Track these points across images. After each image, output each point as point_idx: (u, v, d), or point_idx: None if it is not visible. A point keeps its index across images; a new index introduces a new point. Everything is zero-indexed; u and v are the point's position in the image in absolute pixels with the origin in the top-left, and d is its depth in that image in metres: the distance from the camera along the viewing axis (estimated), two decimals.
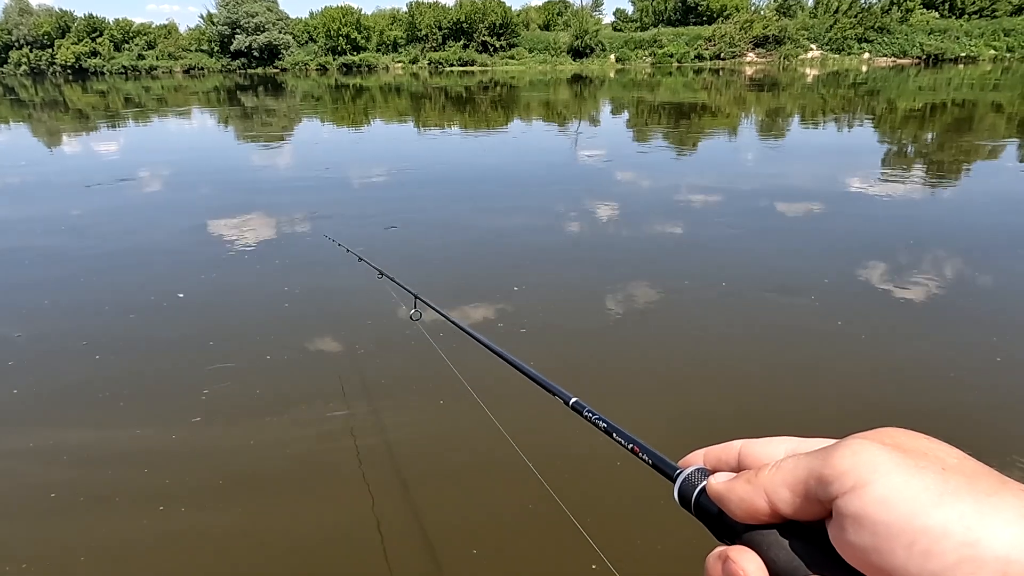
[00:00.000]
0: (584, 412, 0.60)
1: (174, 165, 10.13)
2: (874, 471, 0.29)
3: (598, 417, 0.57)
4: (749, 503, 0.35)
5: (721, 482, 0.37)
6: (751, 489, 0.35)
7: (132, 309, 4.21)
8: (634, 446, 0.49)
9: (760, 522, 0.35)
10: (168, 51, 59.01)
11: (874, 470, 0.29)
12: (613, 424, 0.55)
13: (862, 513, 0.29)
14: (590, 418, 0.59)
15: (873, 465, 0.30)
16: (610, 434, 0.54)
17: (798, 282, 4.41)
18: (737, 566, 0.34)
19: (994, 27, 41.26)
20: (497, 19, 51.57)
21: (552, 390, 0.68)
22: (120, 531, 2.28)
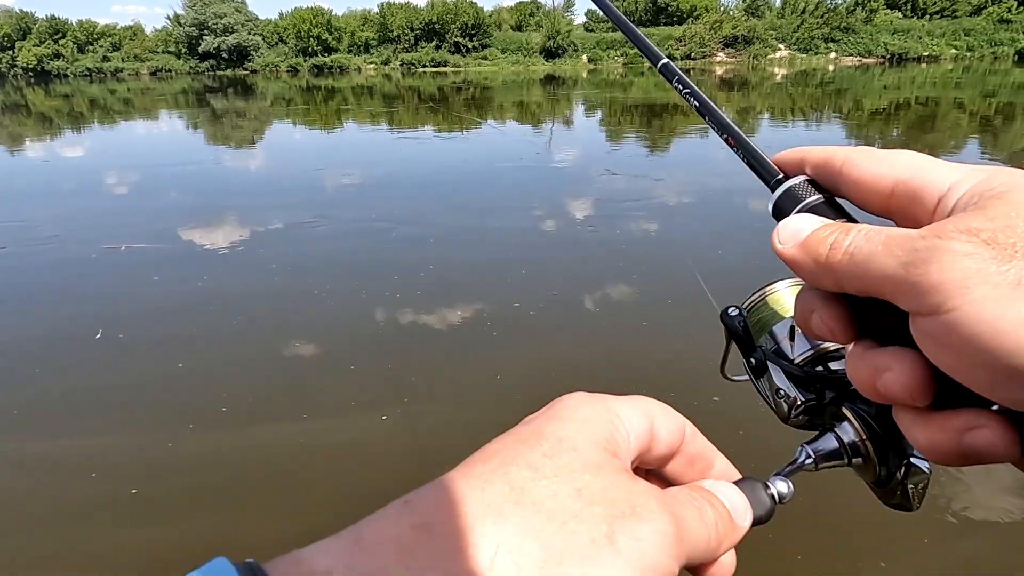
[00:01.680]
0: (674, 81, 0.48)
1: (141, 170, 9.94)
2: (964, 293, 0.25)
3: (689, 92, 0.45)
4: (819, 281, 0.32)
5: (788, 247, 0.33)
6: (819, 270, 0.31)
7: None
8: (728, 136, 0.41)
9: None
10: (134, 53, 57.89)
11: (964, 292, 0.25)
12: (708, 103, 0.43)
13: (942, 340, 0.26)
14: (680, 91, 0.47)
15: (964, 286, 0.25)
16: (703, 115, 0.43)
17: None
18: (822, 321, 0.33)
19: (955, 27, 42.37)
20: (469, 20, 51.52)
21: (646, 48, 0.52)
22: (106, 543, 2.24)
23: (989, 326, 0.24)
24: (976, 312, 0.25)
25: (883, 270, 0.28)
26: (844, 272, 0.30)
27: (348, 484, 2.46)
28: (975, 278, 0.25)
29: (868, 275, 0.29)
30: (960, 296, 0.25)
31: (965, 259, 0.25)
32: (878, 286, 0.29)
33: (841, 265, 0.30)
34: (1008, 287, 0.24)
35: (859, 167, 0.33)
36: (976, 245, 0.26)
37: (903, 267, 0.27)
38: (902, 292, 0.27)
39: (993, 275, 0.25)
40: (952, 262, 0.26)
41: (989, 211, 0.27)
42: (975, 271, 0.25)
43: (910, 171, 0.32)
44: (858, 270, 0.29)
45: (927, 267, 0.26)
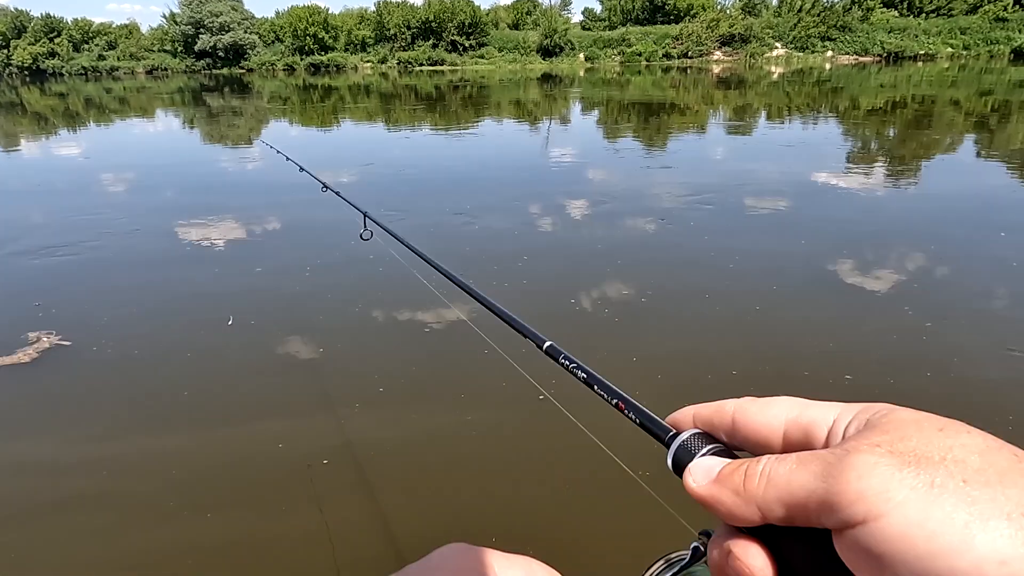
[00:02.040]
0: (560, 359, 0.52)
1: (137, 169, 9.91)
2: (887, 500, 0.26)
3: (576, 365, 0.49)
4: (739, 514, 0.32)
5: (703, 486, 0.34)
6: (740, 501, 0.32)
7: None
8: (619, 402, 0.43)
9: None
10: (130, 51, 57.73)
11: (887, 499, 0.26)
12: (594, 374, 0.47)
13: (878, 552, 0.26)
14: (567, 366, 0.50)
15: (885, 493, 0.26)
16: (591, 386, 0.46)
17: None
18: (743, 564, 0.31)
19: (951, 25, 42.44)
20: (466, 18, 51.47)
21: (523, 331, 0.58)
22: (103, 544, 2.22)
23: (919, 528, 0.25)
24: (902, 517, 0.25)
25: (804, 486, 0.29)
26: (764, 497, 0.30)
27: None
28: (894, 484, 0.26)
29: (790, 495, 0.29)
30: (885, 503, 0.26)
31: (878, 467, 0.27)
32: (801, 504, 0.29)
33: (760, 490, 0.31)
34: (925, 490, 0.26)
35: (751, 413, 0.35)
36: (882, 455, 0.27)
37: (822, 479, 0.28)
38: (825, 507, 0.28)
39: (908, 480, 0.26)
40: (868, 470, 0.27)
41: (880, 429, 0.29)
42: (892, 477, 0.26)
43: (796, 410, 0.34)
44: (778, 492, 0.30)
45: (845, 476, 0.27)
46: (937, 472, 0.26)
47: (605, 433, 0.95)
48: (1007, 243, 5.02)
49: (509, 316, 0.62)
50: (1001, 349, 3.31)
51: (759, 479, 0.31)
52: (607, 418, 0.51)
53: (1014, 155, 8.89)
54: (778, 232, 5.59)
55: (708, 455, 0.35)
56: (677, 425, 0.38)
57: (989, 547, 0.24)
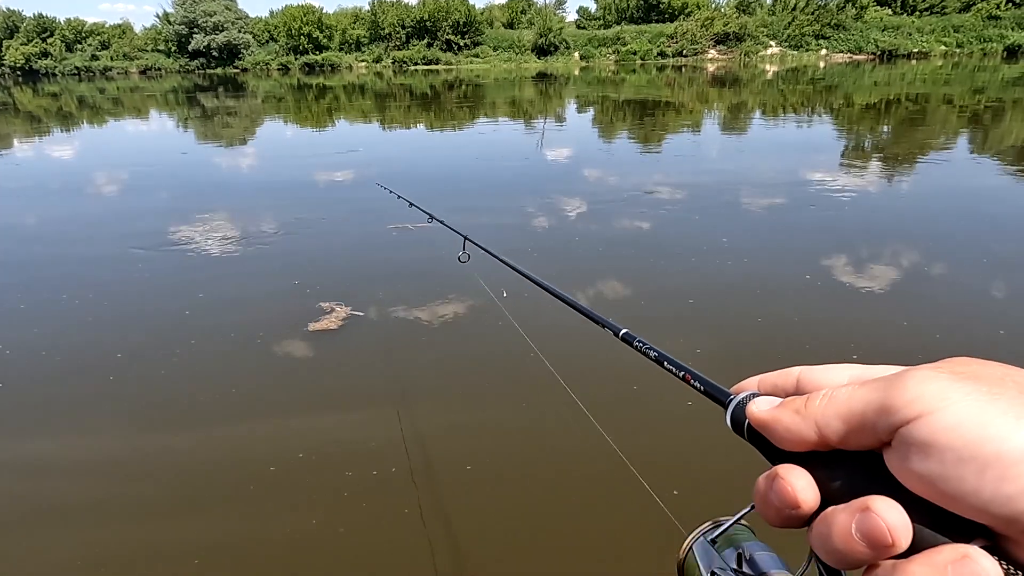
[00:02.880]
0: (635, 343, 0.59)
1: (131, 169, 9.88)
2: (943, 399, 0.28)
3: (648, 347, 0.56)
4: (796, 433, 0.33)
5: (764, 410, 0.35)
6: (799, 419, 0.33)
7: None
8: (686, 374, 0.48)
9: (806, 451, 0.34)
10: (123, 51, 57.48)
11: (943, 397, 0.28)
12: (663, 353, 0.53)
13: (930, 440, 0.27)
14: (640, 348, 0.58)
15: (942, 393, 0.28)
16: (661, 363, 0.53)
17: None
18: (786, 483, 0.33)
19: (944, 23, 42.59)
20: (461, 17, 51.39)
21: (602, 322, 0.68)
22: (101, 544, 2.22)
23: (973, 420, 0.26)
24: (959, 411, 0.27)
25: (863, 398, 0.31)
26: (824, 413, 0.32)
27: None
28: (952, 390, 0.28)
29: (849, 408, 0.31)
30: (942, 401, 0.28)
31: (937, 378, 0.29)
32: (859, 415, 0.30)
33: (821, 407, 0.32)
34: (981, 395, 0.27)
35: (815, 374, 0.37)
36: (942, 371, 0.29)
37: (881, 391, 0.30)
38: (883, 412, 0.29)
39: (966, 387, 0.28)
40: (926, 378, 0.29)
41: (942, 362, 0.30)
42: (950, 385, 0.28)
43: (859, 372, 0.35)
44: (838, 407, 0.32)
45: (904, 384, 0.29)
46: (995, 385, 0.28)
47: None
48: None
49: (593, 313, 0.72)
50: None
51: (821, 399, 0.33)
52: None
53: (1004, 153, 8.93)
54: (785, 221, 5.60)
55: (772, 397, 0.38)
56: (740, 391, 0.41)
57: None
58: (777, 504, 0.33)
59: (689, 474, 2.42)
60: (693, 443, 2.59)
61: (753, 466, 0.37)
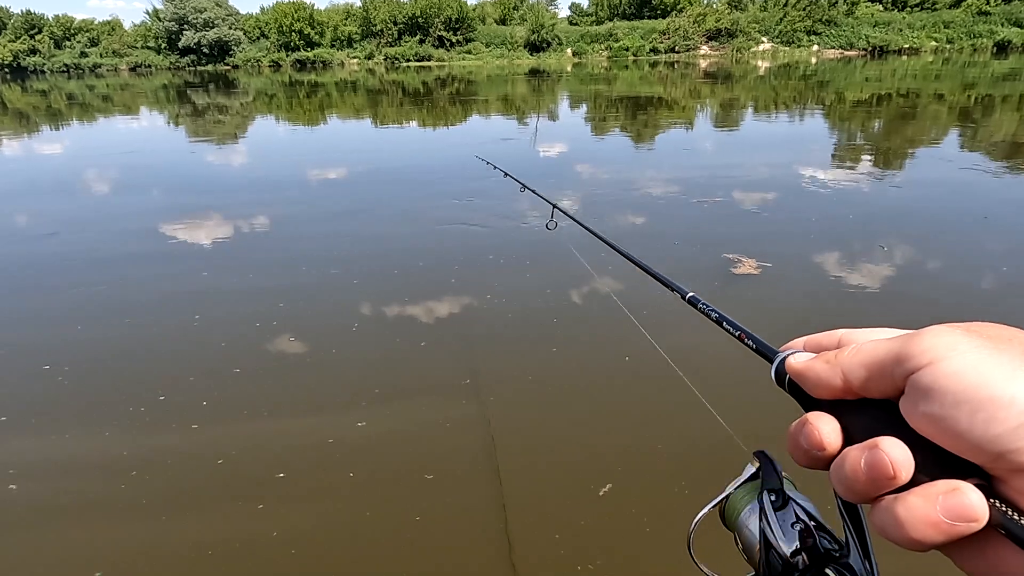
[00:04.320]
0: (699, 305, 0.65)
1: (123, 167, 9.81)
2: (952, 349, 0.31)
3: (711, 309, 0.62)
4: (825, 379, 0.37)
5: (800, 361, 0.39)
6: (828, 368, 0.37)
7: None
8: (741, 333, 0.53)
9: (833, 397, 0.37)
10: (112, 48, 57.02)
11: (952, 348, 0.31)
12: (723, 314, 0.59)
13: (933, 385, 0.30)
14: (704, 309, 0.63)
15: (952, 344, 0.31)
16: (720, 323, 0.58)
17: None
18: (813, 427, 0.36)
19: (934, 19, 42.78)
20: (453, 14, 51.23)
21: (671, 286, 0.76)
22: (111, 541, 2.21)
23: (975, 368, 0.29)
24: (964, 359, 0.30)
25: (885, 348, 0.34)
26: (851, 362, 0.36)
27: None
28: (962, 342, 0.31)
29: (872, 357, 0.34)
30: (950, 350, 0.31)
31: (951, 333, 0.32)
32: (879, 363, 0.34)
33: (849, 356, 0.36)
34: (987, 349, 0.30)
35: (856, 334, 0.40)
36: (956, 328, 0.32)
37: (901, 342, 0.33)
38: (899, 360, 0.33)
39: (975, 341, 0.31)
40: (940, 332, 0.32)
41: (961, 324, 0.33)
42: (961, 338, 0.31)
43: (894, 334, 0.37)
44: (862, 356, 0.35)
45: (920, 337, 0.32)
46: (1002, 343, 0.31)
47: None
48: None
49: (662, 276, 0.81)
50: None
51: (850, 351, 0.36)
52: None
53: (994, 149, 8.97)
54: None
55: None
56: (787, 350, 0.45)
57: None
58: (805, 446, 0.37)
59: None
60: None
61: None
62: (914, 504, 0.31)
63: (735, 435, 0.77)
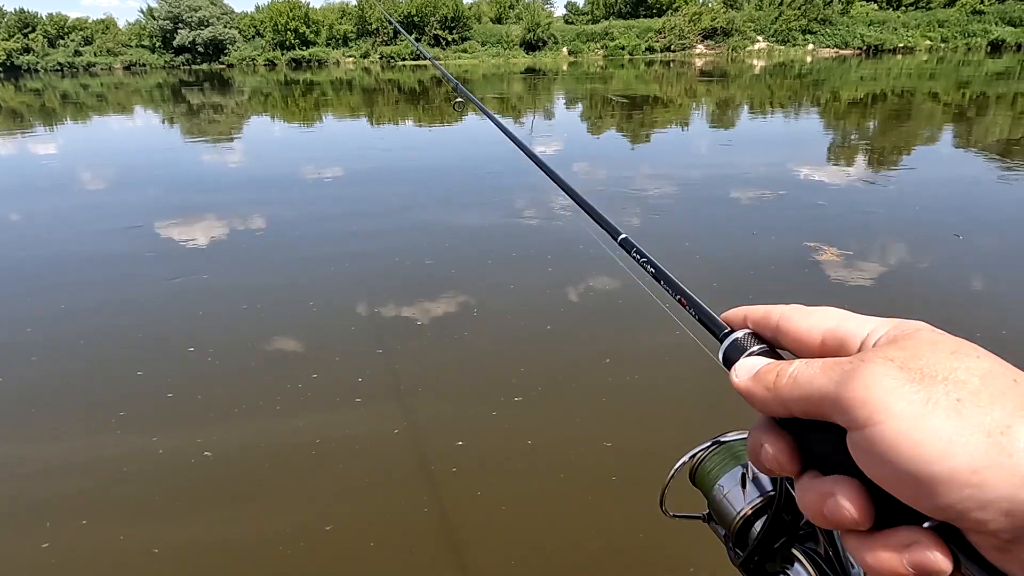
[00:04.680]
0: (632, 251, 0.55)
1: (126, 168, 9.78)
2: (885, 409, 0.30)
3: (646, 260, 0.52)
4: (769, 407, 0.36)
5: (743, 380, 0.38)
6: (770, 396, 0.36)
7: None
8: (681, 297, 0.46)
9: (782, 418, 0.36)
10: (107, 47, 56.67)
11: (886, 408, 0.30)
12: (662, 269, 0.50)
13: (872, 452, 0.30)
14: (638, 259, 0.53)
15: (885, 402, 0.30)
16: (658, 280, 0.49)
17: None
18: (767, 450, 0.36)
19: (929, 18, 42.85)
20: (448, 12, 51.11)
21: (601, 222, 0.64)
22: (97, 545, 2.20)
23: (908, 437, 0.29)
24: (896, 426, 0.29)
25: (821, 388, 0.33)
26: (790, 394, 0.35)
27: None
28: (893, 396, 0.30)
29: (810, 394, 0.33)
30: (884, 412, 0.30)
31: (884, 378, 0.30)
32: (817, 403, 0.33)
33: (787, 388, 0.35)
34: (920, 404, 0.29)
35: (793, 320, 0.39)
36: (891, 367, 0.31)
37: (835, 384, 0.32)
38: (837, 408, 0.32)
39: (907, 393, 0.30)
40: (874, 379, 0.31)
41: (900, 344, 0.32)
42: (892, 389, 0.30)
43: (835, 321, 0.37)
44: (801, 391, 0.34)
45: (854, 383, 0.31)
46: (936, 389, 0.30)
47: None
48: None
49: (595, 211, 0.67)
50: None
51: (787, 379, 0.35)
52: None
53: (989, 148, 9.01)
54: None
55: (754, 355, 0.39)
56: (730, 323, 0.42)
57: (965, 457, 0.28)
58: (767, 464, 0.37)
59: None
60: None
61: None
62: (881, 557, 0.31)
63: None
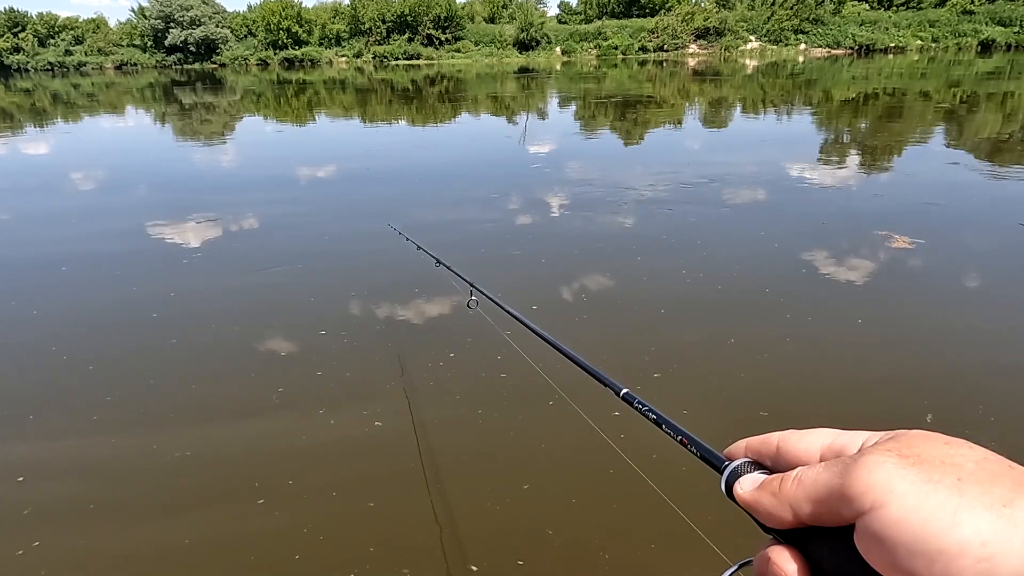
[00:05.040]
0: (635, 403, 0.61)
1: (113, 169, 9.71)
2: (889, 491, 0.31)
3: (648, 409, 0.58)
4: (775, 515, 0.37)
5: (748, 492, 0.39)
6: (776, 502, 0.37)
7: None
8: (682, 438, 0.50)
9: (788, 528, 0.37)
10: (98, 46, 56.36)
11: (889, 490, 0.31)
12: (663, 416, 0.55)
13: (881, 535, 0.30)
14: (640, 409, 0.59)
15: (888, 485, 0.31)
16: (660, 425, 0.55)
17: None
18: (779, 568, 0.36)
19: (920, 18, 43.11)
20: (442, 12, 51.08)
21: (603, 381, 0.70)
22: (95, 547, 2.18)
23: (915, 514, 0.30)
24: (901, 504, 0.30)
25: (826, 483, 0.34)
26: (795, 495, 0.36)
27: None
28: (896, 478, 0.31)
29: (816, 491, 0.34)
30: (888, 493, 0.31)
31: (884, 464, 0.32)
32: (824, 500, 0.34)
33: (792, 489, 0.36)
34: (922, 483, 0.30)
35: (792, 441, 0.40)
36: (890, 455, 0.32)
37: (839, 476, 0.33)
38: (843, 500, 0.33)
39: (909, 475, 0.31)
40: (875, 466, 0.32)
41: (894, 440, 0.34)
42: (894, 474, 0.31)
43: (830, 438, 0.39)
44: (806, 490, 0.35)
45: (857, 472, 0.32)
46: (935, 471, 0.31)
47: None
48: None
49: (594, 370, 0.74)
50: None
51: (792, 482, 0.36)
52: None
53: (979, 146, 9.06)
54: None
55: (755, 474, 0.41)
56: (731, 456, 0.44)
57: (972, 530, 0.28)
58: None
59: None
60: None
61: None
62: None
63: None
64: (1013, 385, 2.99)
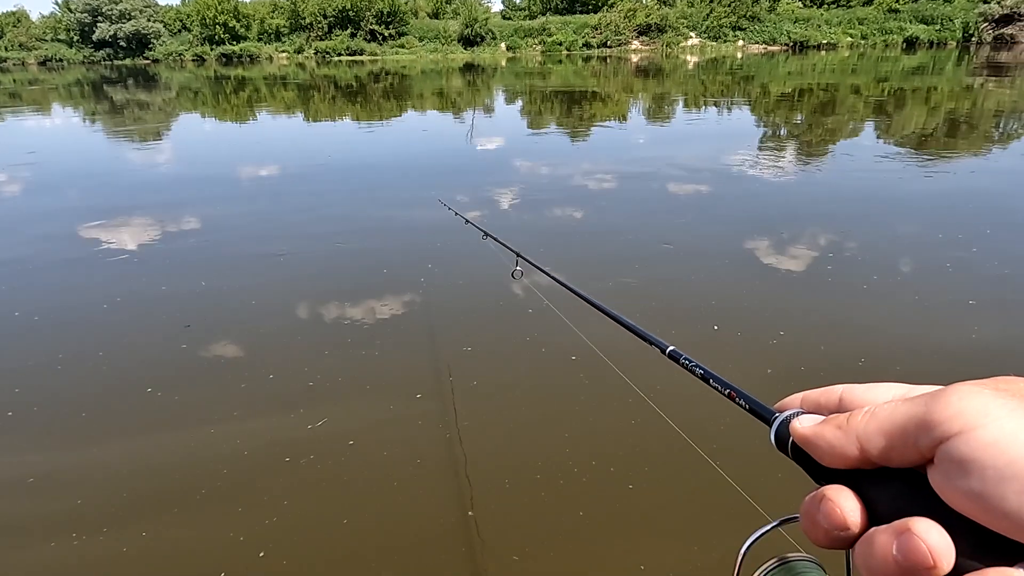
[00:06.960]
0: (681, 360, 0.60)
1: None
2: (984, 415, 0.28)
3: (695, 364, 0.57)
4: (839, 448, 0.34)
5: (807, 426, 0.36)
6: (841, 434, 0.34)
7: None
8: (731, 391, 0.49)
9: (849, 467, 0.34)
10: (19, 41, 53.52)
11: (984, 414, 0.28)
12: (709, 371, 0.55)
13: (971, 457, 0.28)
14: (687, 365, 0.59)
15: (983, 409, 0.28)
16: (707, 380, 0.54)
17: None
18: (834, 505, 0.33)
19: (850, 16, 44.92)
20: (384, 6, 50.36)
21: (649, 339, 0.70)
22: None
23: (1014, 436, 0.27)
24: (1000, 427, 0.27)
25: (905, 413, 0.31)
26: (867, 429, 0.32)
27: None
28: (993, 406, 0.28)
29: (891, 423, 0.31)
30: (983, 417, 0.28)
31: (979, 394, 0.29)
32: (901, 431, 0.31)
33: (863, 423, 0.33)
34: (1021, 410, 0.28)
35: (857, 392, 0.37)
36: (983, 387, 0.29)
37: (923, 405, 0.30)
38: (924, 427, 0.30)
39: (1007, 403, 0.28)
40: (968, 394, 0.29)
41: (984, 381, 0.31)
42: (991, 401, 0.28)
43: (904, 390, 0.35)
44: (880, 422, 0.32)
45: (946, 399, 0.30)
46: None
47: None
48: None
49: (640, 330, 0.74)
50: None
51: (863, 415, 0.33)
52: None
53: (906, 140, 9.51)
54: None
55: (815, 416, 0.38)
56: (784, 409, 0.41)
57: None
58: (825, 526, 0.33)
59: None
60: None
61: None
62: None
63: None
64: None
